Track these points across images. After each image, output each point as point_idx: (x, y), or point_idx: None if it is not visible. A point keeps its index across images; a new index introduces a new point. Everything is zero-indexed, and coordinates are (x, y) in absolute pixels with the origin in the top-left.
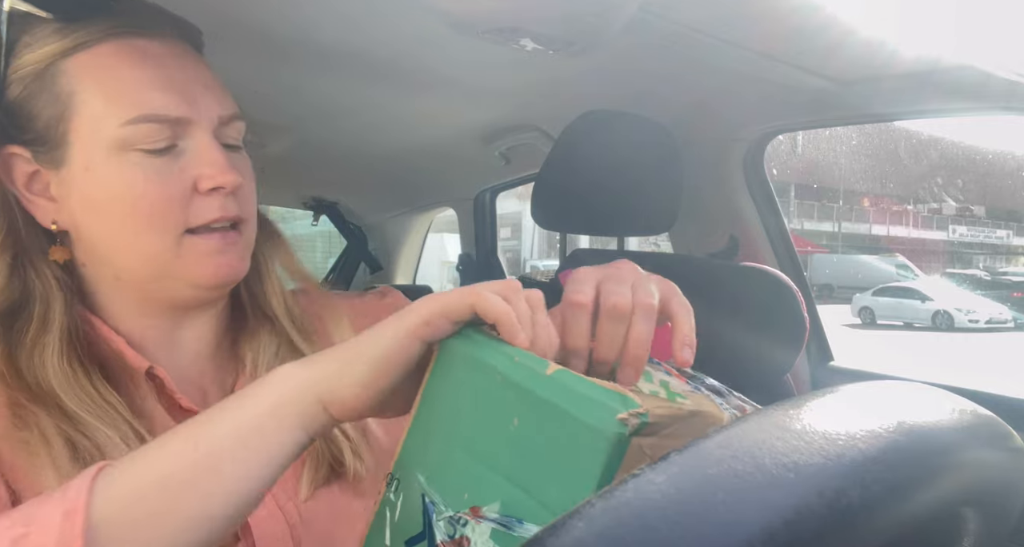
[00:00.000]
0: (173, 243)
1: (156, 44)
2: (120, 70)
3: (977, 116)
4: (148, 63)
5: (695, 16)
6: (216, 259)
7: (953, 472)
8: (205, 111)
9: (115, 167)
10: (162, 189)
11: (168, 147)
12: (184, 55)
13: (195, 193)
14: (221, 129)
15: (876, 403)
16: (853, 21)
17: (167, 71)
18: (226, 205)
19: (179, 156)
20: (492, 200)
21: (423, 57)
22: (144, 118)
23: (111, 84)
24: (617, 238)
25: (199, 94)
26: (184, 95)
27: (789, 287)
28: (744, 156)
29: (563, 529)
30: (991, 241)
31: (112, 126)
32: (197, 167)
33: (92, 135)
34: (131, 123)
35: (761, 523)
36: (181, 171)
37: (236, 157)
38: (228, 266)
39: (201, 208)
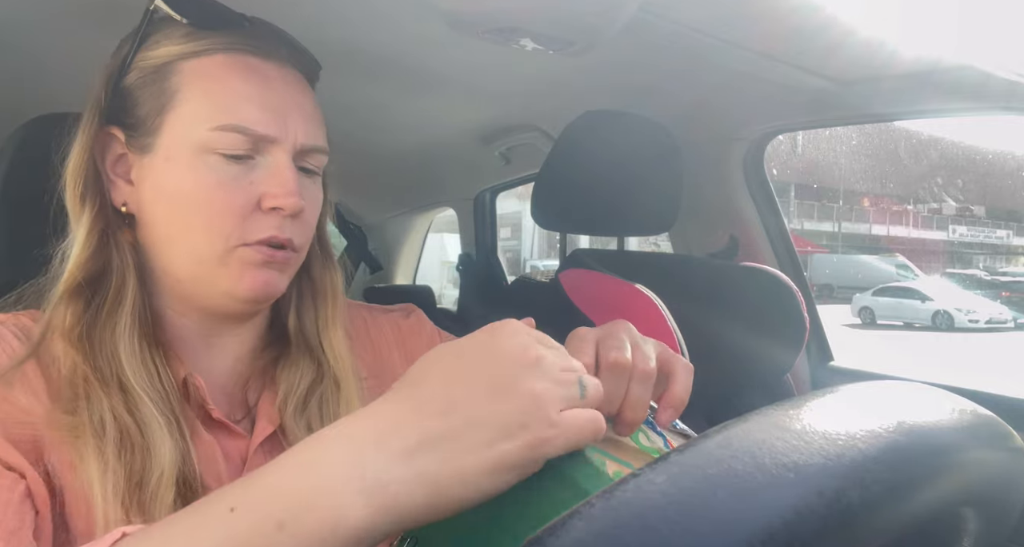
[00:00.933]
0: (223, 251)
1: (269, 65)
2: (226, 80)
3: (977, 116)
4: (253, 79)
5: (695, 16)
6: (255, 273)
7: (953, 472)
8: (291, 135)
9: (191, 164)
10: (227, 197)
11: (245, 157)
12: (292, 81)
13: (257, 209)
14: (301, 155)
15: (876, 403)
16: (853, 21)
17: (268, 91)
18: (282, 226)
19: (253, 169)
20: (492, 200)
21: (423, 57)
22: (232, 128)
23: (214, 90)
24: (617, 238)
25: (290, 118)
26: (276, 115)
27: (789, 287)
28: (744, 156)
29: (563, 529)
30: (991, 241)
31: (202, 127)
32: (266, 184)
33: (182, 131)
34: (219, 129)
35: (761, 523)
36: (250, 184)
37: (309, 183)
38: (265, 282)
39: (259, 224)
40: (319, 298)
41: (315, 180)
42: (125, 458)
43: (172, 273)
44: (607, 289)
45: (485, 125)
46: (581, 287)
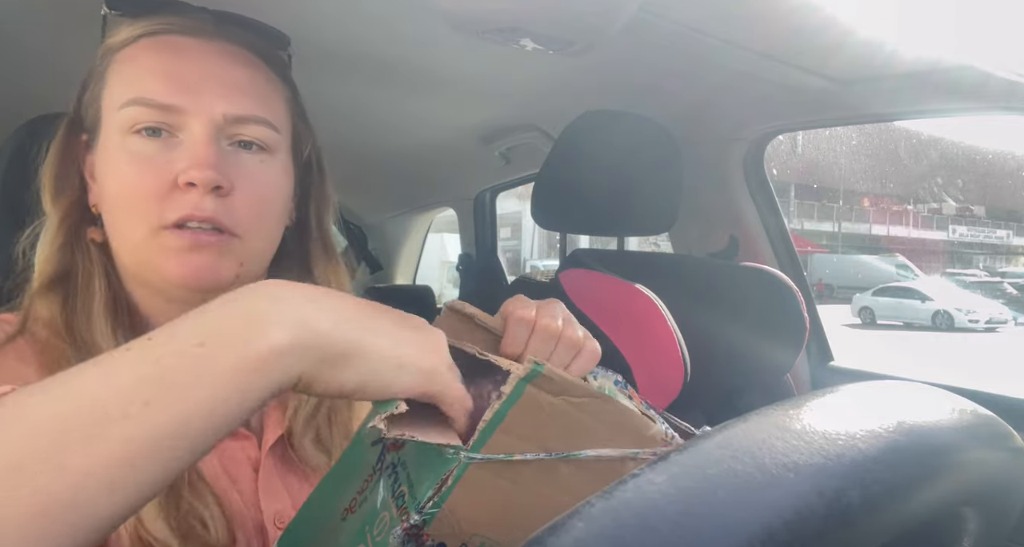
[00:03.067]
0: (149, 235)
1: (190, 41)
2: (136, 59)
3: (977, 116)
4: (163, 54)
5: (695, 16)
6: (184, 258)
7: (953, 472)
8: (206, 104)
9: (114, 149)
10: (143, 178)
11: (162, 131)
12: (217, 52)
13: (175, 188)
14: (229, 126)
15: (876, 403)
16: (853, 21)
17: (176, 62)
18: (201, 204)
19: (172, 146)
20: (492, 200)
21: (423, 57)
22: (135, 101)
23: (125, 72)
24: (617, 238)
25: (204, 86)
26: (182, 84)
27: (789, 287)
28: (744, 156)
29: (563, 529)
30: (991, 241)
31: (115, 109)
32: (182, 160)
33: (108, 119)
34: (125, 105)
35: (761, 523)
36: (168, 162)
37: (247, 158)
38: (197, 268)
39: (175, 203)
40: None
41: (261, 156)
42: None
43: (123, 263)
44: (607, 289)
45: (485, 125)
46: (581, 287)
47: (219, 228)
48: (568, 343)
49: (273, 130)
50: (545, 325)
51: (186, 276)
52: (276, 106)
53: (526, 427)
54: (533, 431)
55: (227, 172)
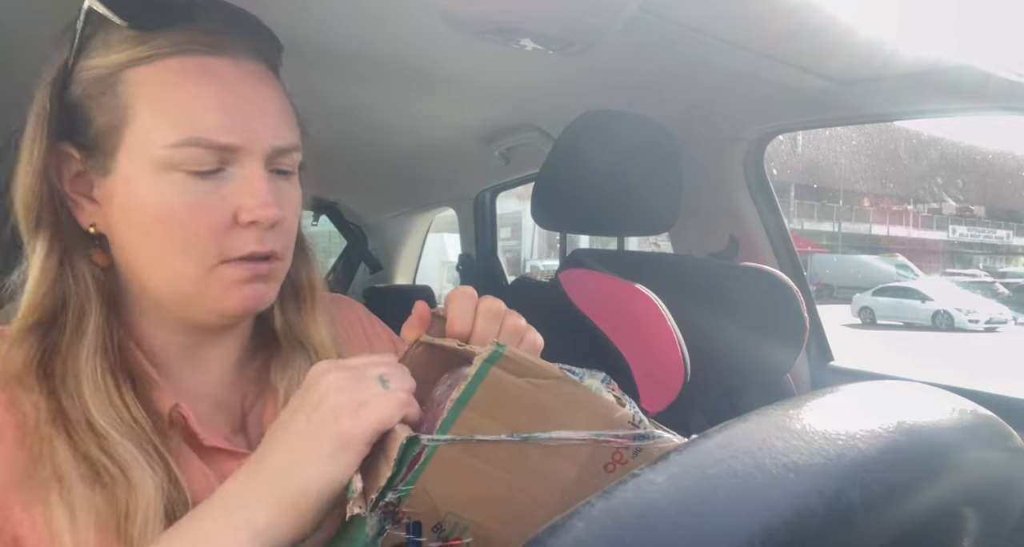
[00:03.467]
0: (204, 271)
1: (225, 64)
2: (176, 89)
3: (977, 116)
4: (207, 83)
5: (695, 16)
6: (243, 289)
7: (953, 472)
8: (259, 140)
9: (156, 186)
10: (200, 218)
11: (214, 171)
12: (251, 78)
13: (234, 224)
14: (273, 158)
15: (876, 403)
16: (853, 21)
17: (225, 94)
18: (263, 239)
19: (224, 182)
20: (492, 200)
21: (423, 57)
22: (191, 142)
23: (165, 102)
24: (617, 238)
25: (255, 122)
26: (238, 121)
27: (789, 287)
28: (744, 156)
29: (563, 529)
30: (991, 241)
31: (158, 145)
32: (240, 197)
33: (139, 151)
34: (177, 146)
35: (761, 523)
36: (223, 199)
37: (285, 186)
38: (254, 297)
39: (238, 241)
40: (300, 292)
41: (291, 180)
42: (99, 497)
43: (154, 294)
44: (607, 289)
45: (485, 125)
46: (581, 287)
47: (274, 256)
48: (511, 329)
49: (300, 152)
50: (488, 305)
51: (245, 305)
52: (296, 126)
53: (493, 408)
54: (500, 412)
55: (277, 203)
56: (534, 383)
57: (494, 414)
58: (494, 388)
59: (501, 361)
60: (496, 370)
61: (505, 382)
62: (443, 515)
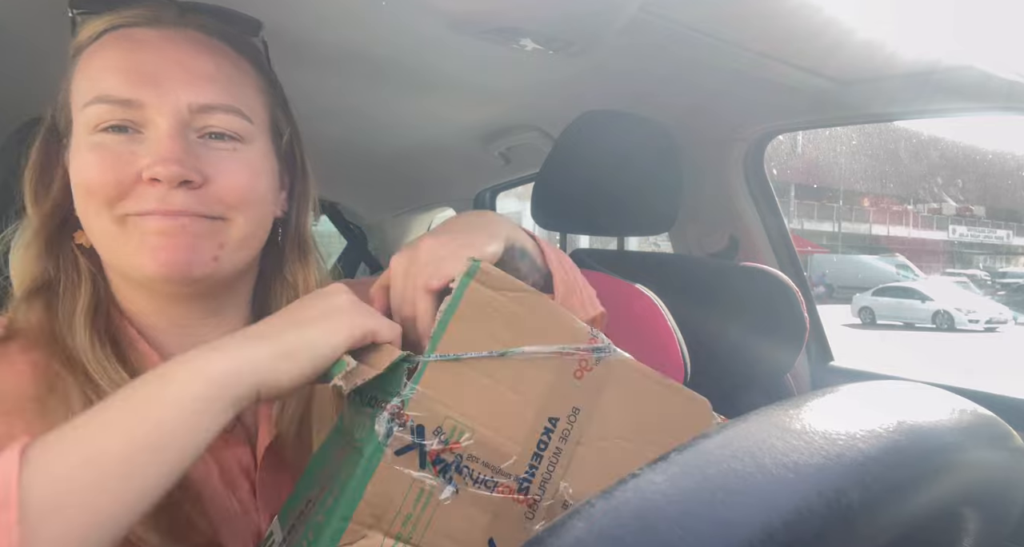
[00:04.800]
0: (114, 223)
1: (150, 32)
2: (97, 57)
3: (977, 116)
4: (121, 47)
5: (695, 16)
6: (156, 243)
7: (953, 472)
8: (169, 96)
9: (81, 150)
10: (101, 172)
11: (128, 128)
12: (179, 41)
13: (138, 181)
14: (196, 117)
15: (876, 403)
16: (853, 21)
17: (136, 54)
18: (168, 198)
19: (136, 140)
20: (492, 200)
21: (423, 57)
22: (96, 99)
23: (87, 70)
24: (617, 238)
25: (164, 77)
26: (141, 77)
27: (789, 287)
28: (744, 156)
29: (563, 529)
30: (991, 241)
31: (79, 109)
32: (146, 155)
33: (76, 119)
34: (88, 104)
35: (761, 523)
36: (132, 155)
37: (222, 149)
38: (172, 255)
39: (140, 197)
40: (298, 293)
41: (236, 147)
42: None
43: (106, 263)
44: (607, 289)
45: (485, 125)
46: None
47: (193, 215)
48: None
49: (244, 119)
50: None
51: (158, 259)
52: (247, 94)
53: (476, 319)
54: (482, 323)
55: (197, 165)
56: (509, 296)
57: (477, 325)
58: (475, 301)
59: (478, 275)
60: (475, 284)
61: (484, 295)
62: (443, 419)
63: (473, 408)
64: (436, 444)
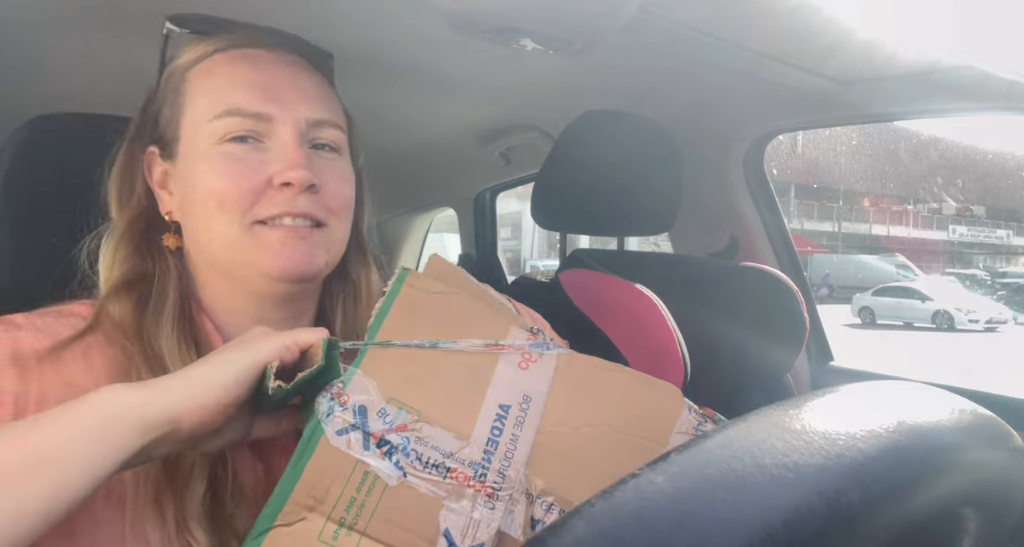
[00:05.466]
0: (243, 231)
1: (261, 52)
2: (218, 74)
3: (977, 116)
4: (243, 65)
5: (695, 16)
6: (280, 249)
7: (953, 472)
8: (291, 111)
9: (206, 160)
10: (236, 180)
11: (250, 138)
12: (286, 62)
13: (268, 187)
14: (310, 130)
15: (876, 403)
16: (853, 21)
17: (259, 73)
18: (295, 201)
19: (262, 150)
20: (492, 200)
21: (423, 57)
22: (227, 112)
23: (210, 85)
24: (617, 238)
25: (286, 94)
26: (268, 93)
27: (789, 287)
28: (744, 156)
29: (563, 528)
30: (991, 241)
31: (205, 121)
32: (275, 163)
33: (193, 131)
34: (218, 117)
35: (761, 523)
36: (261, 164)
37: (327, 158)
38: (293, 258)
39: (271, 202)
40: (357, 292)
41: (335, 157)
42: None
43: (212, 264)
44: (607, 289)
45: (485, 125)
46: (581, 287)
47: (315, 222)
48: None
49: (342, 132)
50: None
51: (284, 264)
52: (339, 111)
53: (409, 318)
54: (416, 322)
55: (315, 171)
56: (443, 295)
57: (412, 324)
58: (407, 302)
59: (409, 279)
60: (407, 288)
61: (416, 296)
62: (386, 401)
63: (418, 394)
64: (380, 426)
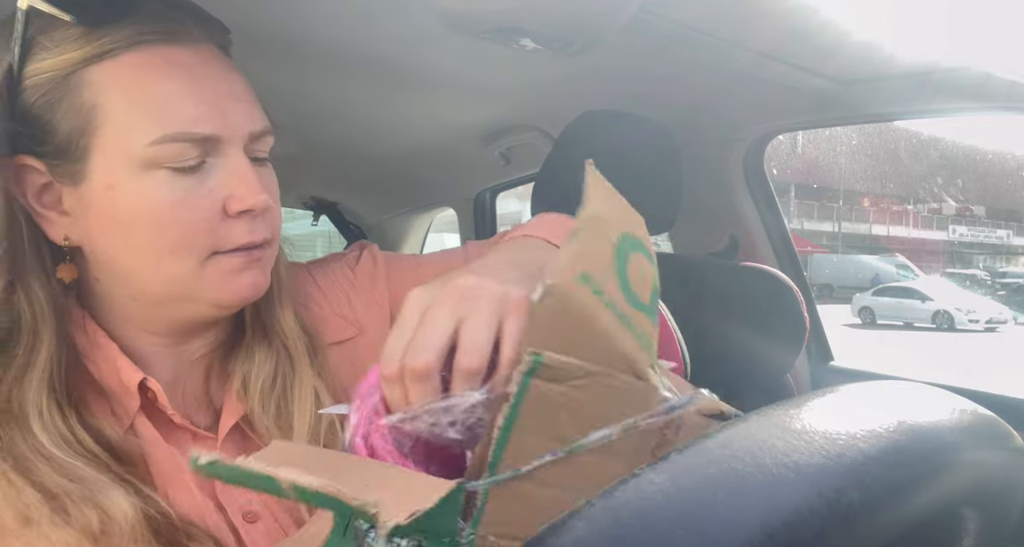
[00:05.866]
0: (197, 265)
1: (185, 51)
2: (147, 83)
3: (977, 116)
4: (177, 75)
5: (695, 16)
6: (239, 278)
7: (953, 472)
8: (236, 128)
9: (140, 186)
10: (189, 212)
11: (197, 165)
12: (214, 63)
13: (224, 216)
14: (251, 145)
15: (876, 403)
16: (853, 21)
17: (197, 84)
18: (255, 228)
19: (208, 174)
20: (492, 200)
21: (423, 57)
22: (172, 137)
23: (138, 98)
24: None
25: (230, 109)
26: (214, 110)
27: (789, 287)
28: (744, 156)
29: (563, 528)
30: (991, 241)
31: (139, 144)
32: (227, 187)
33: (117, 151)
34: (159, 142)
35: (761, 523)
36: (210, 192)
37: (264, 172)
38: (251, 285)
39: (231, 232)
40: (275, 282)
41: (267, 166)
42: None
43: (144, 300)
44: None
45: (485, 125)
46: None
47: (266, 243)
48: None
49: (272, 136)
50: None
51: (242, 294)
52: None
53: (538, 423)
54: (545, 425)
55: None
56: (576, 386)
57: (541, 429)
58: (537, 402)
59: (541, 371)
60: (537, 382)
61: (547, 392)
62: None
63: None
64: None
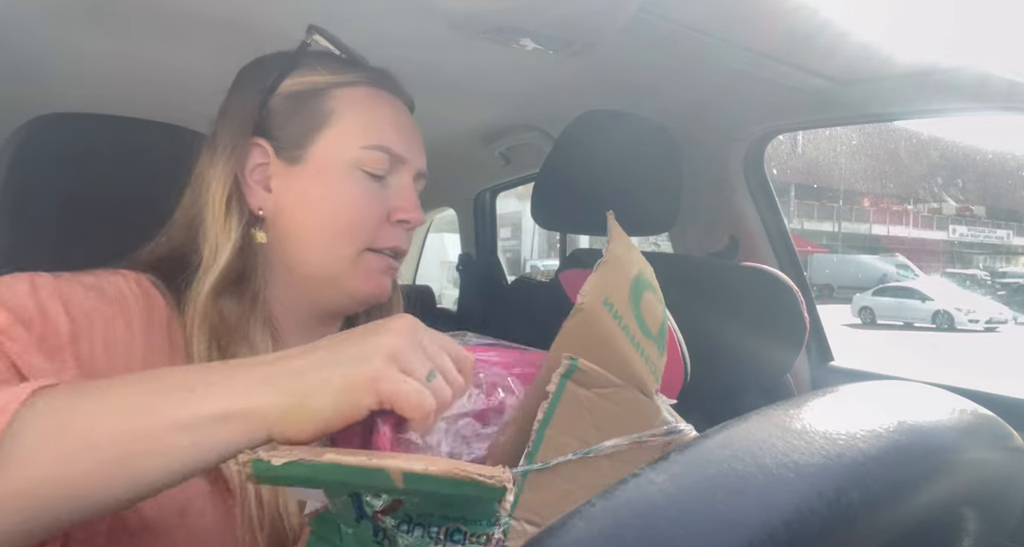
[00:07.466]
0: (354, 254)
1: (396, 100)
2: (375, 108)
3: (977, 116)
4: (392, 110)
5: (695, 16)
6: (378, 278)
7: (953, 472)
8: (414, 159)
9: (342, 177)
10: (366, 208)
11: (383, 176)
12: (408, 115)
13: (386, 220)
14: (417, 178)
15: (876, 403)
16: (853, 21)
17: (400, 121)
18: (404, 238)
19: (386, 186)
20: (492, 200)
21: (423, 57)
22: (378, 147)
23: (363, 115)
24: None
25: (414, 147)
26: (409, 141)
27: (789, 287)
28: (744, 156)
29: (563, 529)
30: (991, 241)
31: (355, 146)
32: (397, 199)
33: (337, 147)
34: (368, 148)
35: (761, 522)
36: (384, 199)
37: None
38: (382, 286)
39: (387, 234)
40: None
41: None
42: None
43: (302, 272)
44: None
45: (485, 125)
46: (581, 287)
47: (401, 256)
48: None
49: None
50: None
51: (375, 291)
52: None
53: (569, 423)
54: (575, 426)
55: None
56: (600, 393)
57: (571, 429)
58: (570, 403)
59: (575, 375)
60: (571, 384)
61: (579, 396)
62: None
63: None
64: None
